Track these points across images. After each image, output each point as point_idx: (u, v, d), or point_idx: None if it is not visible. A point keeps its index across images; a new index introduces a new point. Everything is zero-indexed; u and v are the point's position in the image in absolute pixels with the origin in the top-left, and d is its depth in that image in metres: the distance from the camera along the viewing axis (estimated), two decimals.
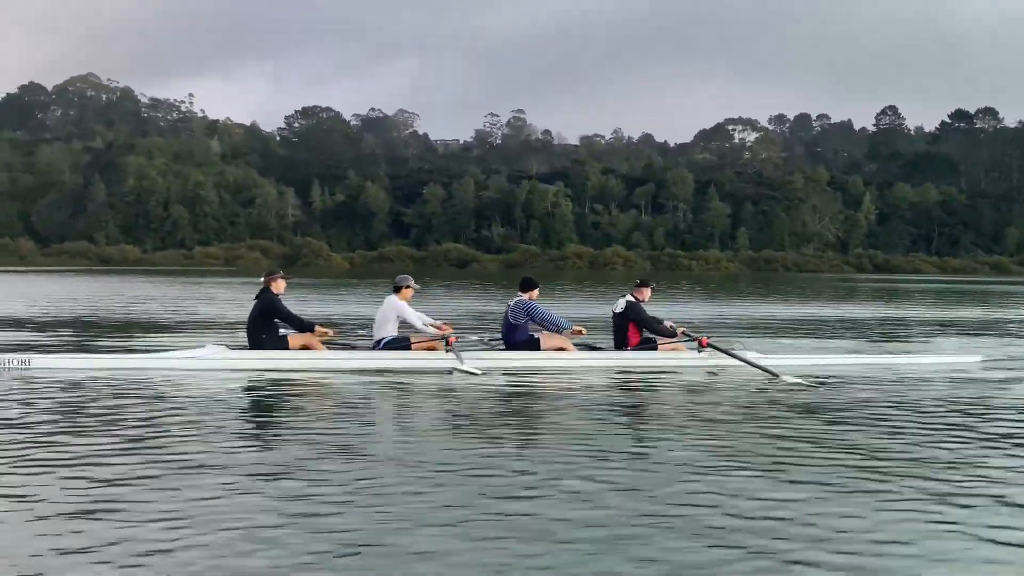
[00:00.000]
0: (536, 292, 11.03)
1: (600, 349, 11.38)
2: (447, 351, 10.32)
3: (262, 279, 10.74)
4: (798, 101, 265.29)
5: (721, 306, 28.25)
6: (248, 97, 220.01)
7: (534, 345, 10.83)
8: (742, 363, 10.33)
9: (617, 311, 11.28)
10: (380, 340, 10.68)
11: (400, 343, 10.67)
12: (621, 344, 11.19)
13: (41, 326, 17.08)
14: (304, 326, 10.65)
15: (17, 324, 17.39)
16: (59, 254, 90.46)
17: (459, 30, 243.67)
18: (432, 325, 10.94)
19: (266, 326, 10.48)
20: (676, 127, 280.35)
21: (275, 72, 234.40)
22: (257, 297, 10.62)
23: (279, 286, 10.68)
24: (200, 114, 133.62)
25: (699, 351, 10.90)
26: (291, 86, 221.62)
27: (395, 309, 10.67)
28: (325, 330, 10.69)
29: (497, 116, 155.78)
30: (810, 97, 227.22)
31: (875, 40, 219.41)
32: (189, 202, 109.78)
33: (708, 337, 11.01)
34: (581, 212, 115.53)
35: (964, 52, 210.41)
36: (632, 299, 11.22)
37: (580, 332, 11.18)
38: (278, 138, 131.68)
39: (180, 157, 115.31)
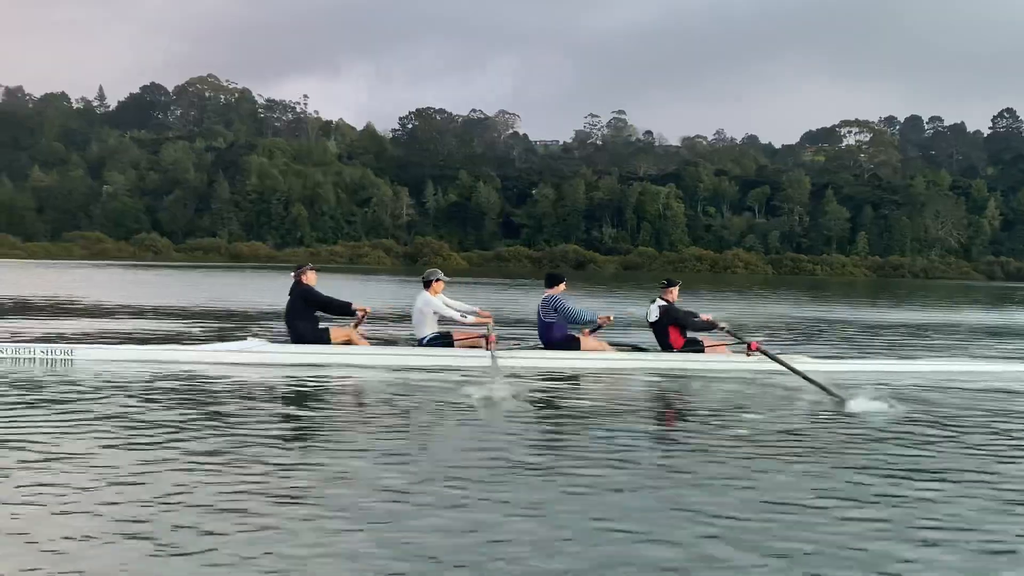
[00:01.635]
0: (563, 286, 10.73)
1: (644, 350, 10.88)
2: (487, 349, 9.98)
3: (292, 274, 10.64)
4: (907, 102, 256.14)
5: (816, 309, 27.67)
6: (352, 95, 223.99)
7: (574, 344, 10.47)
8: (791, 373, 9.35)
9: (651, 320, 10.87)
10: (423, 339, 10.55)
11: (443, 340, 10.54)
12: (666, 348, 10.79)
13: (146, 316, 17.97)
14: (344, 307, 10.63)
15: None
16: (192, 250, 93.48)
17: (559, 29, 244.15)
18: (470, 313, 10.76)
19: (305, 317, 10.41)
20: (781, 128, 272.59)
21: (377, 71, 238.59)
22: (291, 292, 10.51)
23: (311, 278, 10.56)
24: (314, 115, 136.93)
25: (748, 354, 10.26)
26: (393, 85, 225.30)
27: (429, 306, 10.50)
28: (364, 307, 10.69)
29: (597, 117, 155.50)
30: (919, 98, 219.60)
31: (988, 41, 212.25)
32: (308, 201, 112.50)
33: (758, 341, 10.45)
34: (693, 214, 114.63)
35: None
36: (664, 303, 10.80)
37: (607, 319, 10.90)
38: (388, 137, 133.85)
39: (299, 157, 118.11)
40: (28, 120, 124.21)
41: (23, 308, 19.51)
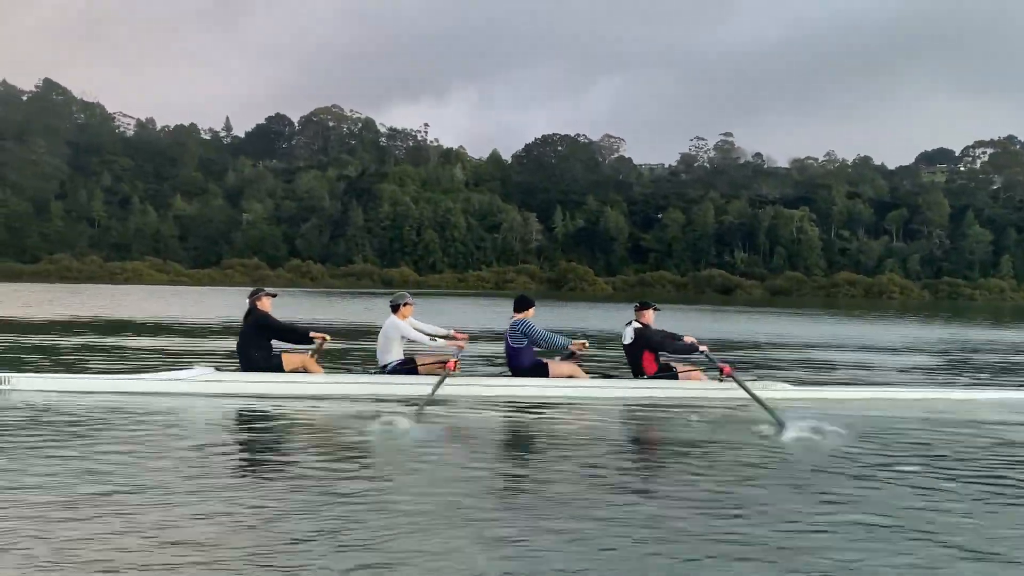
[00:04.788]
0: (532, 311, 10.29)
1: (614, 377, 10.43)
2: (441, 372, 9.43)
3: (247, 299, 10.20)
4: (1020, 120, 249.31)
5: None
6: (459, 121, 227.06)
7: (542, 371, 10.01)
8: (753, 401, 8.74)
9: (626, 343, 10.35)
10: (386, 365, 10.13)
11: (407, 367, 10.09)
12: (638, 374, 10.27)
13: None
14: (300, 336, 10.26)
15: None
16: (346, 276, 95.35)
17: (663, 53, 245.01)
18: (443, 337, 10.29)
19: (259, 344, 9.98)
20: (894, 148, 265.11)
21: (481, 96, 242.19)
22: (246, 317, 10.10)
23: (265, 304, 10.18)
24: (434, 142, 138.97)
25: (721, 379, 9.73)
26: (498, 110, 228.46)
27: (397, 330, 10.07)
28: (322, 335, 10.26)
29: (704, 140, 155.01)
30: None
31: None
32: (439, 227, 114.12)
33: (732, 366, 9.80)
34: (827, 238, 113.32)
35: None
36: (640, 325, 10.28)
37: (583, 346, 10.35)
38: (508, 162, 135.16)
39: (428, 184, 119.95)
40: (167, 150, 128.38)
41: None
